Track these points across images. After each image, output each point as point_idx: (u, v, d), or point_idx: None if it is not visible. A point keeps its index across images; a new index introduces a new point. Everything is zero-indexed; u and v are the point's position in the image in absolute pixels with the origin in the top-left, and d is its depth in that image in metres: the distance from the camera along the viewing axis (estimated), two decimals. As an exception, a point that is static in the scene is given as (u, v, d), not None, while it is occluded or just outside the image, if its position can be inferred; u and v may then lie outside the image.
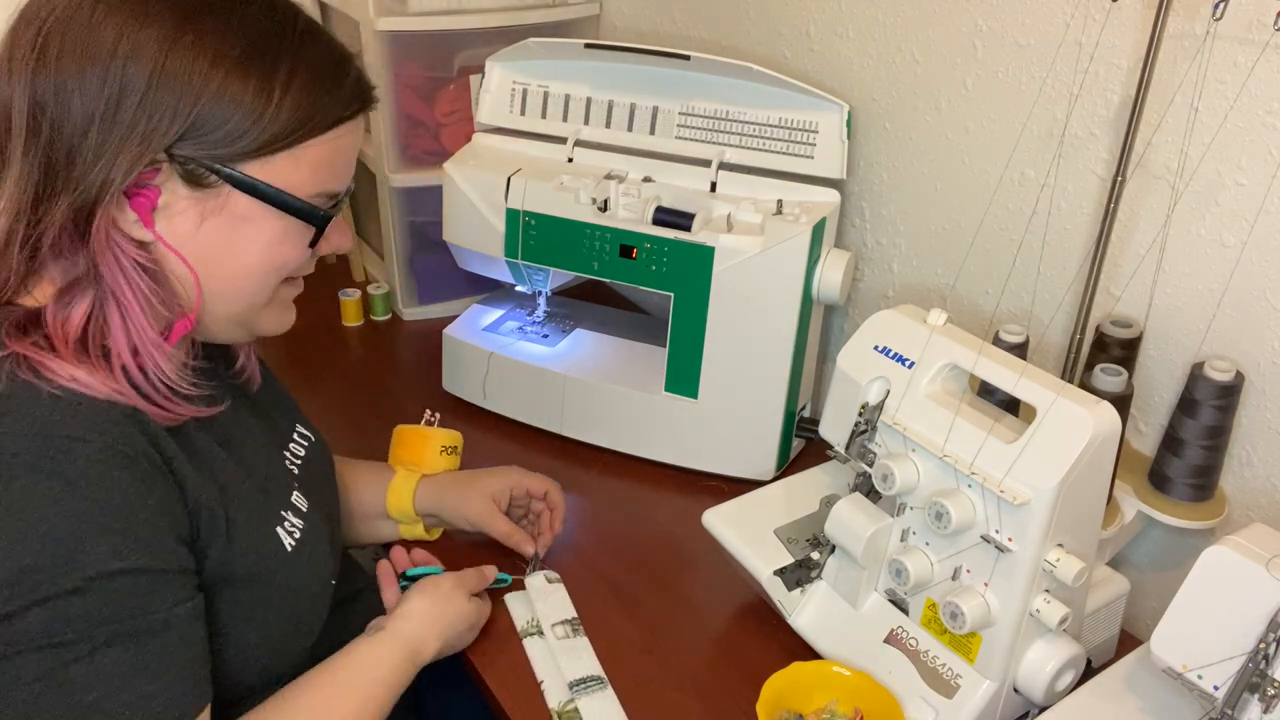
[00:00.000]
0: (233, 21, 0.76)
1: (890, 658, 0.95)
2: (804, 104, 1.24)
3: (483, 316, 1.46)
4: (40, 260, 0.76)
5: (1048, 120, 1.10)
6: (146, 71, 0.73)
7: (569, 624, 1.05)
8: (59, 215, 0.74)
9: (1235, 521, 1.02)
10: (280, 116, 0.77)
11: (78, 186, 0.73)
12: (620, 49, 1.29)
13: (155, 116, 0.74)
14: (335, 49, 0.82)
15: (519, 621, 1.06)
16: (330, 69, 0.80)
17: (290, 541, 0.88)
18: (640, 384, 1.32)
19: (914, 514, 0.95)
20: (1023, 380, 0.88)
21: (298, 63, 0.78)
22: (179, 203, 0.77)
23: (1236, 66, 0.93)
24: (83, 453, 0.71)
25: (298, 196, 0.80)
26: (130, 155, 0.74)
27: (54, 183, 0.74)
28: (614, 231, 1.25)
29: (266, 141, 0.77)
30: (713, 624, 1.09)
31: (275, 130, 0.77)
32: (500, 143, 1.41)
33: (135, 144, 0.74)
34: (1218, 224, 0.98)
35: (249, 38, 0.76)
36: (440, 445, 1.21)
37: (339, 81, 0.81)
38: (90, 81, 0.73)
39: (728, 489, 1.22)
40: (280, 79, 0.77)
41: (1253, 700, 0.76)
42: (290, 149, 0.78)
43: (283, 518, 0.89)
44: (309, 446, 1.02)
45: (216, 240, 0.79)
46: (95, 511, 0.71)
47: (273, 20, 0.79)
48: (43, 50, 0.73)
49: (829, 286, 1.21)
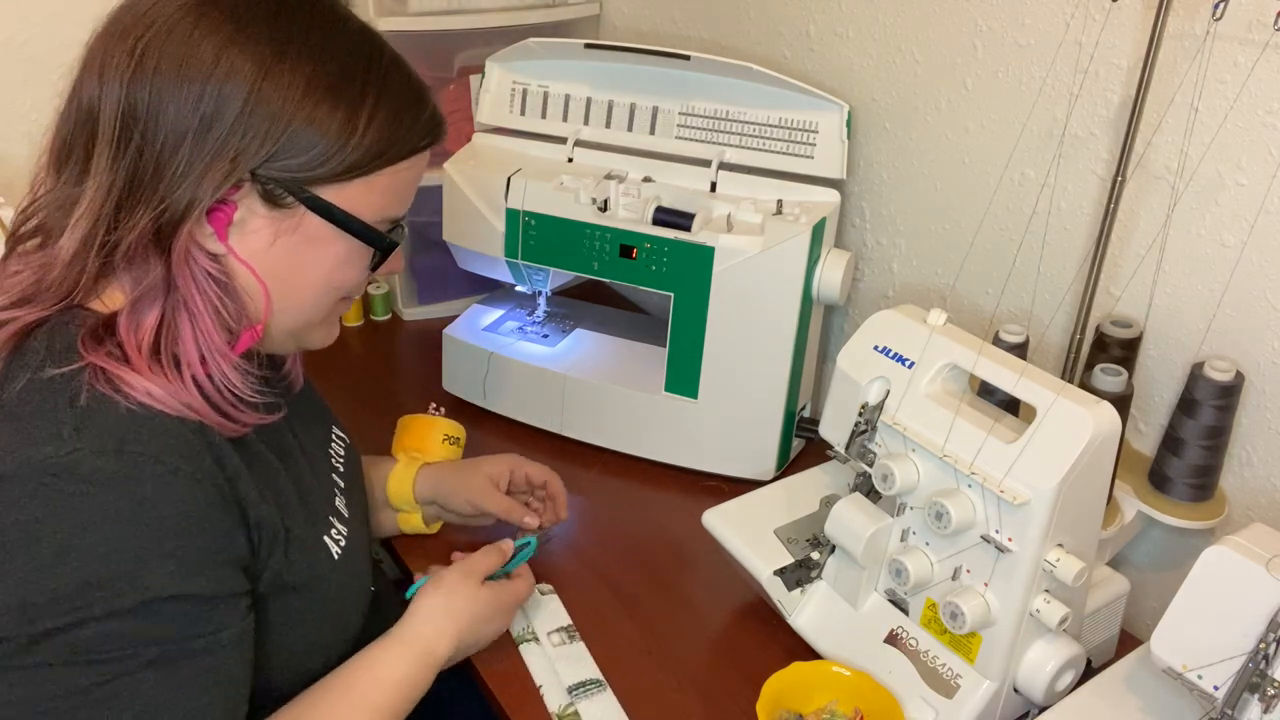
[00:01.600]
0: (327, 49, 0.78)
1: (890, 658, 0.95)
2: (804, 104, 1.24)
3: (483, 316, 1.46)
4: (112, 265, 0.77)
5: (1048, 120, 1.10)
6: (243, 93, 0.74)
7: (564, 631, 1.05)
8: (140, 225, 0.75)
9: (1235, 521, 1.02)
10: (363, 145, 0.78)
11: (164, 200, 0.74)
12: (620, 49, 1.29)
13: (247, 138, 0.75)
14: (415, 81, 0.84)
15: (514, 629, 1.05)
16: (412, 101, 0.82)
17: (337, 550, 0.89)
18: (640, 384, 1.32)
19: (914, 514, 0.95)
20: (1023, 380, 0.88)
21: (383, 94, 0.80)
22: (254, 220, 0.78)
23: (1236, 66, 0.93)
24: (154, 472, 0.71)
25: (366, 222, 0.82)
26: (219, 174, 0.75)
27: (139, 193, 0.75)
28: (614, 231, 1.25)
29: (347, 168, 0.78)
30: (713, 624, 1.09)
31: (357, 158, 0.78)
32: (500, 143, 1.41)
33: (225, 163, 0.75)
34: (1218, 224, 0.98)
35: (340, 66, 0.78)
36: (444, 434, 1.22)
37: (418, 114, 0.83)
38: (186, 97, 0.74)
39: (728, 489, 1.22)
40: (367, 109, 0.78)
41: (1253, 700, 0.76)
42: (366, 176, 0.80)
43: (330, 524, 0.90)
44: (346, 448, 1.03)
45: (285, 258, 0.81)
46: (161, 534, 0.71)
47: (363, 50, 0.80)
48: (141, 60, 0.74)
49: (829, 286, 1.21)
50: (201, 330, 0.78)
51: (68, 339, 0.76)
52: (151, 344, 0.76)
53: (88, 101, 0.76)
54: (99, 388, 0.73)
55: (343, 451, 1.02)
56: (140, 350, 0.75)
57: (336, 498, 0.94)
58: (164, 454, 0.72)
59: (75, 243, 0.76)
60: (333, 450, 1.01)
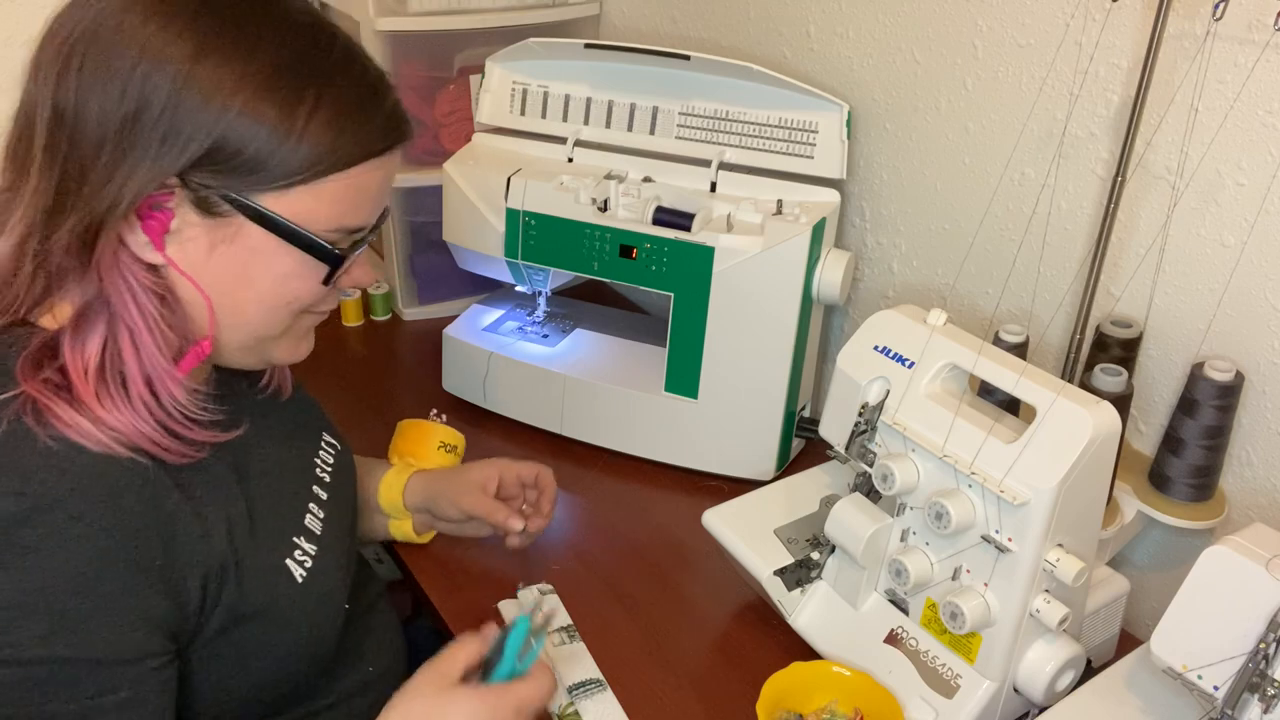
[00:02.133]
0: (264, 40, 0.73)
1: (890, 658, 0.95)
2: (804, 104, 1.24)
3: (483, 316, 1.45)
4: (60, 279, 0.73)
5: (1048, 120, 1.10)
6: (165, 90, 0.70)
7: (564, 631, 1.05)
8: (67, 232, 0.71)
9: (1235, 521, 1.02)
10: (301, 149, 0.73)
11: (87, 204, 0.71)
12: (620, 49, 1.29)
13: (171, 138, 0.71)
14: (370, 79, 0.78)
15: None
16: (361, 101, 0.76)
17: (300, 572, 0.85)
18: (640, 384, 1.32)
19: (914, 514, 0.95)
20: (1023, 380, 0.88)
21: (325, 92, 0.74)
22: (190, 229, 0.74)
23: (1236, 66, 0.93)
24: (51, 522, 0.67)
25: (313, 232, 0.76)
26: (141, 177, 0.71)
27: (66, 197, 0.71)
28: (614, 231, 1.25)
29: (284, 174, 0.73)
30: (713, 624, 1.09)
31: (295, 163, 0.73)
32: (500, 143, 1.41)
33: (147, 165, 0.71)
34: (1218, 224, 0.98)
35: (277, 60, 0.73)
36: (440, 440, 1.21)
37: (369, 115, 0.76)
38: (109, 95, 0.70)
39: (728, 489, 1.22)
40: (305, 108, 0.73)
41: (1253, 700, 0.76)
42: (309, 183, 0.75)
43: (294, 545, 0.86)
44: (337, 455, 0.99)
45: (227, 269, 0.76)
46: (39, 589, 0.67)
47: (306, 42, 0.75)
48: (67, 60, 0.71)
49: (829, 286, 1.21)
50: (144, 348, 0.74)
51: (4, 363, 0.72)
52: (98, 365, 0.72)
53: (28, 103, 0.73)
54: (24, 419, 0.69)
55: (331, 460, 0.98)
56: (86, 374, 0.71)
57: (309, 515, 0.89)
58: (68, 498, 0.68)
59: (8, 250, 0.73)
60: (319, 460, 0.96)
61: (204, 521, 0.76)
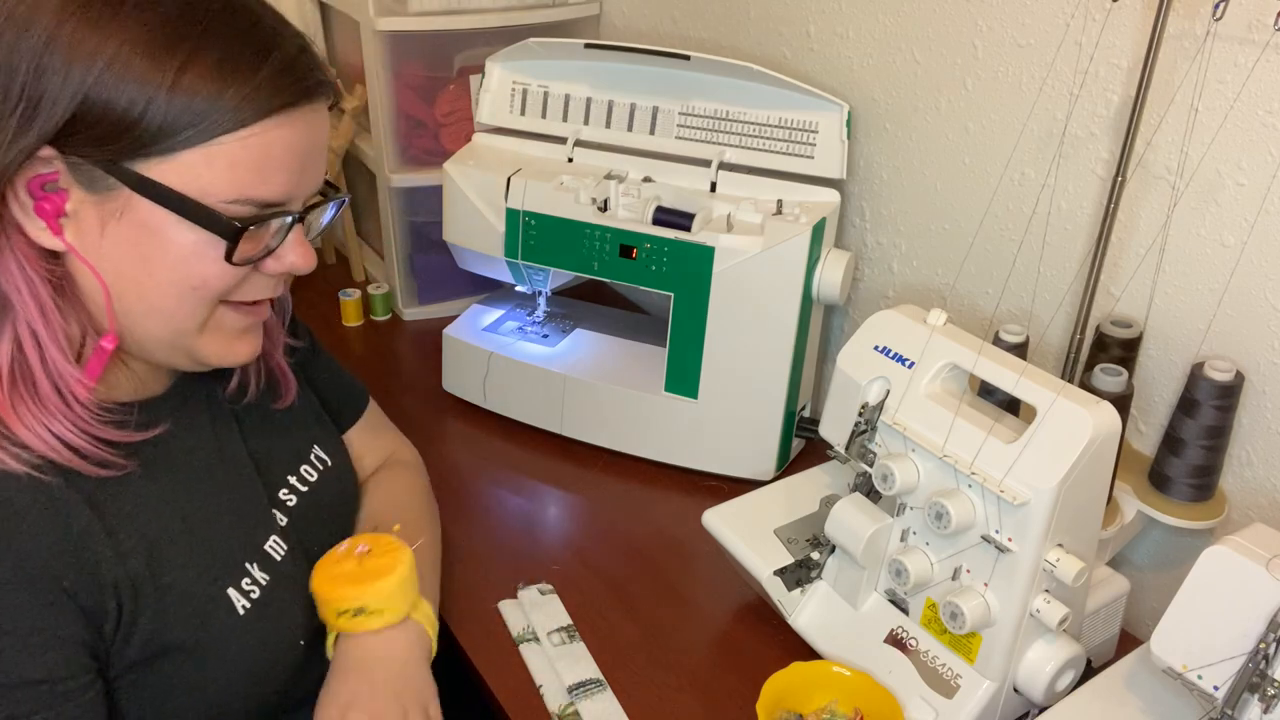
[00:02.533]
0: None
1: (890, 658, 0.95)
2: (804, 104, 1.24)
3: (483, 316, 1.46)
4: None
5: (1048, 120, 1.10)
6: (29, 56, 0.65)
7: (564, 631, 1.05)
8: None
9: (1235, 521, 1.02)
10: (175, 104, 0.66)
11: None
12: (620, 49, 1.29)
13: (37, 105, 0.65)
14: (263, 29, 0.70)
15: (514, 628, 1.05)
16: (249, 51, 0.68)
17: (244, 603, 0.78)
18: (640, 384, 1.32)
19: (914, 514, 0.95)
20: (1023, 380, 0.88)
21: (202, 43, 0.67)
22: (84, 208, 0.69)
23: (1236, 66, 0.93)
24: None
25: (205, 203, 0.69)
26: (13, 150, 0.66)
27: None
28: (614, 231, 1.25)
29: (161, 135, 0.66)
30: (713, 624, 1.09)
31: (171, 121, 0.66)
32: (500, 143, 1.41)
33: (22, 130, 0.65)
34: (1218, 224, 0.98)
35: (151, 16, 0.67)
36: (337, 610, 0.85)
37: (255, 69, 0.68)
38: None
39: (728, 489, 1.22)
40: (177, 60, 0.66)
41: (1253, 700, 0.76)
42: (196, 146, 0.67)
43: (245, 571, 0.79)
44: (322, 473, 0.93)
45: (125, 251, 0.70)
46: None
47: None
48: None
49: (829, 286, 1.21)
50: (45, 345, 0.69)
51: None
52: (9, 369, 0.68)
53: None
54: None
55: (314, 477, 0.91)
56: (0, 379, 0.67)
57: (270, 537, 0.83)
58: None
59: None
60: (301, 475, 0.90)
61: (117, 541, 0.72)
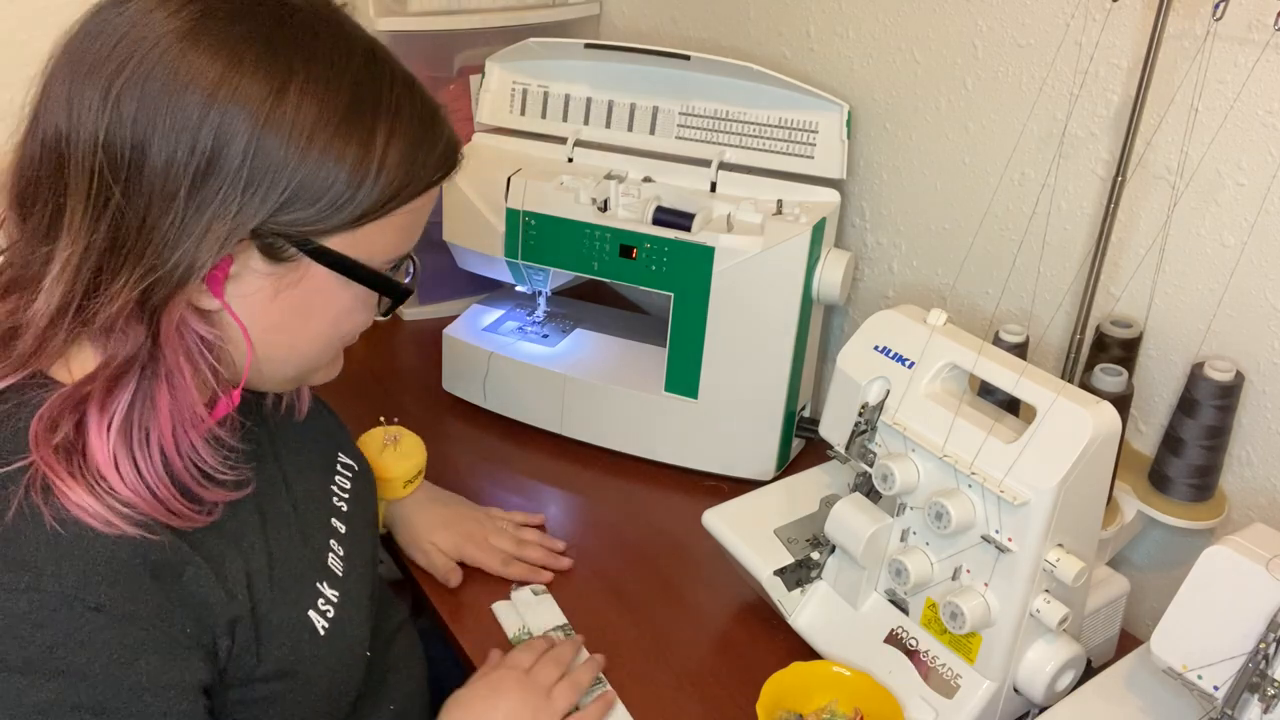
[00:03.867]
0: (335, 79, 0.66)
1: (890, 658, 0.95)
2: (804, 104, 1.24)
3: (483, 316, 1.45)
4: (103, 337, 0.67)
5: (1048, 120, 1.10)
6: (244, 135, 0.64)
7: (561, 630, 1.05)
8: (125, 293, 0.64)
9: (1235, 521, 1.02)
10: (378, 188, 0.68)
11: (152, 265, 0.64)
12: (620, 49, 1.29)
13: (249, 193, 0.64)
14: (429, 105, 0.73)
15: (509, 630, 1.05)
16: (427, 130, 0.72)
17: (323, 624, 0.80)
18: (640, 384, 1.32)
19: (914, 514, 0.95)
20: (1023, 380, 0.88)
21: (396, 125, 0.69)
22: (251, 275, 0.69)
23: (1236, 66, 0.93)
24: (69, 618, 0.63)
25: (373, 266, 0.72)
26: (218, 235, 0.64)
27: (122, 256, 0.64)
28: (614, 231, 1.24)
29: (360, 214, 0.68)
30: (713, 624, 1.09)
31: (371, 202, 0.68)
32: (500, 143, 1.41)
33: (226, 223, 0.64)
34: (1218, 224, 0.98)
35: (350, 98, 0.67)
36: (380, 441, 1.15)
37: (435, 142, 0.72)
38: (180, 141, 0.63)
39: (728, 489, 1.22)
40: (379, 147, 0.68)
41: (1253, 700, 0.76)
42: (380, 219, 0.70)
43: (318, 592, 0.81)
44: (354, 478, 0.94)
45: (286, 312, 0.72)
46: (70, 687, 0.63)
47: (371, 71, 0.69)
48: (118, 104, 0.63)
49: (829, 286, 1.21)
50: (180, 392, 0.68)
51: (16, 425, 0.66)
52: (124, 419, 0.66)
53: (53, 143, 0.65)
54: (33, 497, 0.64)
55: (349, 485, 0.92)
56: (109, 429, 0.66)
57: (330, 553, 0.84)
58: (84, 589, 0.63)
59: (50, 310, 0.65)
60: (336, 487, 0.91)
61: (225, 584, 0.72)
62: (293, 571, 0.79)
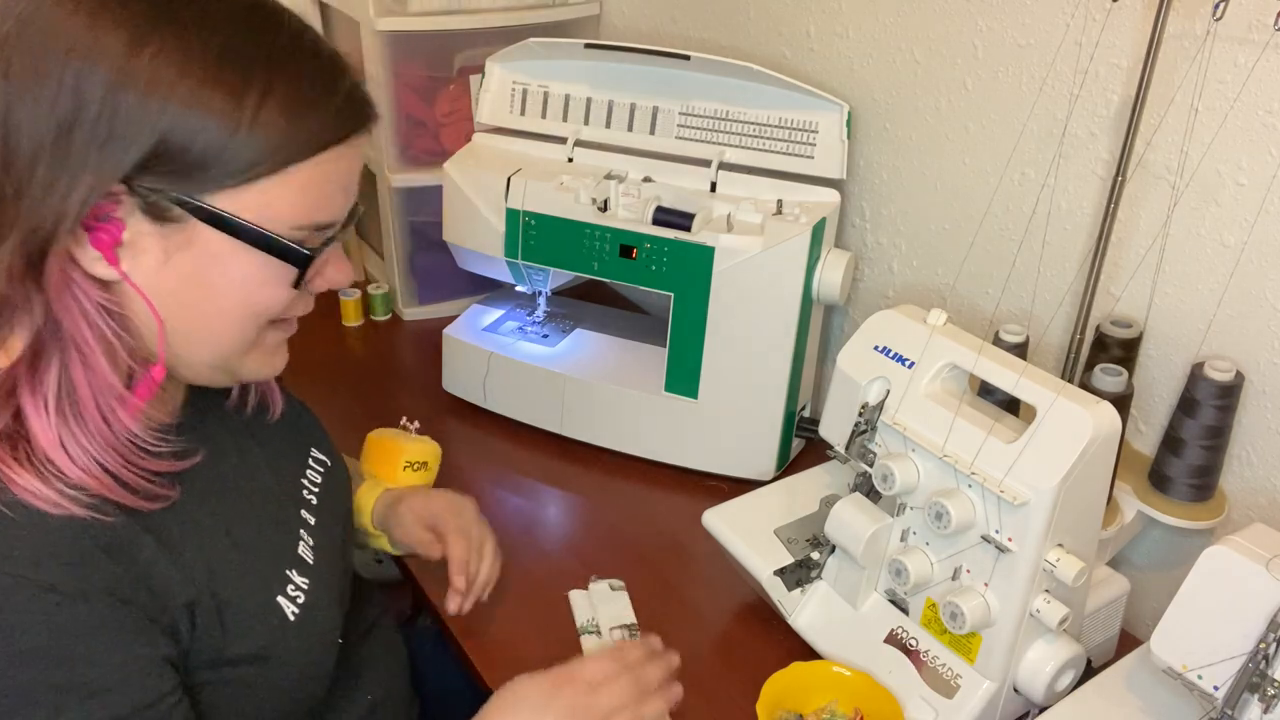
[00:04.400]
0: (204, 27, 0.66)
1: (890, 658, 0.95)
2: (804, 104, 1.24)
3: (483, 316, 1.46)
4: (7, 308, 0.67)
5: (1048, 120, 1.10)
6: (101, 89, 0.64)
7: (627, 629, 1.06)
8: (7, 256, 0.65)
9: (1235, 521, 1.02)
10: (253, 140, 0.67)
11: (28, 223, 0.65)
12: (620, 49, 1.29)
13: (111, 142, 0.64)
14: (324, 59, 0.71)
15: (579, 619, 1.07)
16: (316, 83, 0.70)
17: (293, 610, 0.80)
18: (640, 384, 1.32)
19: (914, 514, 0.95)
20: (1023, 380, 0.88)
21: (276, 76, 0.67)
22: (143, 239, 0.68)
23: (1236, 66, 0.93)
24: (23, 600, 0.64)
25: (275, 232, 0.70)
26: (84, 187, 0.65)
27: (3, 217, 0.65)
28: (614, 231, 1.25)
29: (237, 169, 0.67)
30: (713, 624, 1.09)
31: (248, 156, 0.67)
32: (500, 143, 1.41)
33: (89, 174, 0.65)
34: (1218, 224, 0.98)
35: (221, 46, 0.66)
36: (405, 460, 1.15)
37: (327, 98, 0.70)
38: (40, 101, 0.64)
39: (728, 489, 1.22)
40: (254, 95, 0.66)
41: (1253, 700, 0.76)
42: (266, 178, 0.68)
43: (287, 579, 0.81)
44: (325, 473, 0.94)
45: (186, 280, 0.70)
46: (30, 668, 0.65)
47: (250, 24, 0.68)
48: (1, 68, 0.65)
49: (829, 286, 1.21)
50: (95, 371, 0.68)
51: None
52: (56, 399, 0.67)
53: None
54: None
55: (319, 479, 0.92)
56: (46, 410, 0.66)
57: (300, 542, 0.85)
58: (36, 570, 0.64)
59: None
60: (306, 480, 0.91)
61: (182, 567, 0.72)
62: (259, 558, 0.80)
